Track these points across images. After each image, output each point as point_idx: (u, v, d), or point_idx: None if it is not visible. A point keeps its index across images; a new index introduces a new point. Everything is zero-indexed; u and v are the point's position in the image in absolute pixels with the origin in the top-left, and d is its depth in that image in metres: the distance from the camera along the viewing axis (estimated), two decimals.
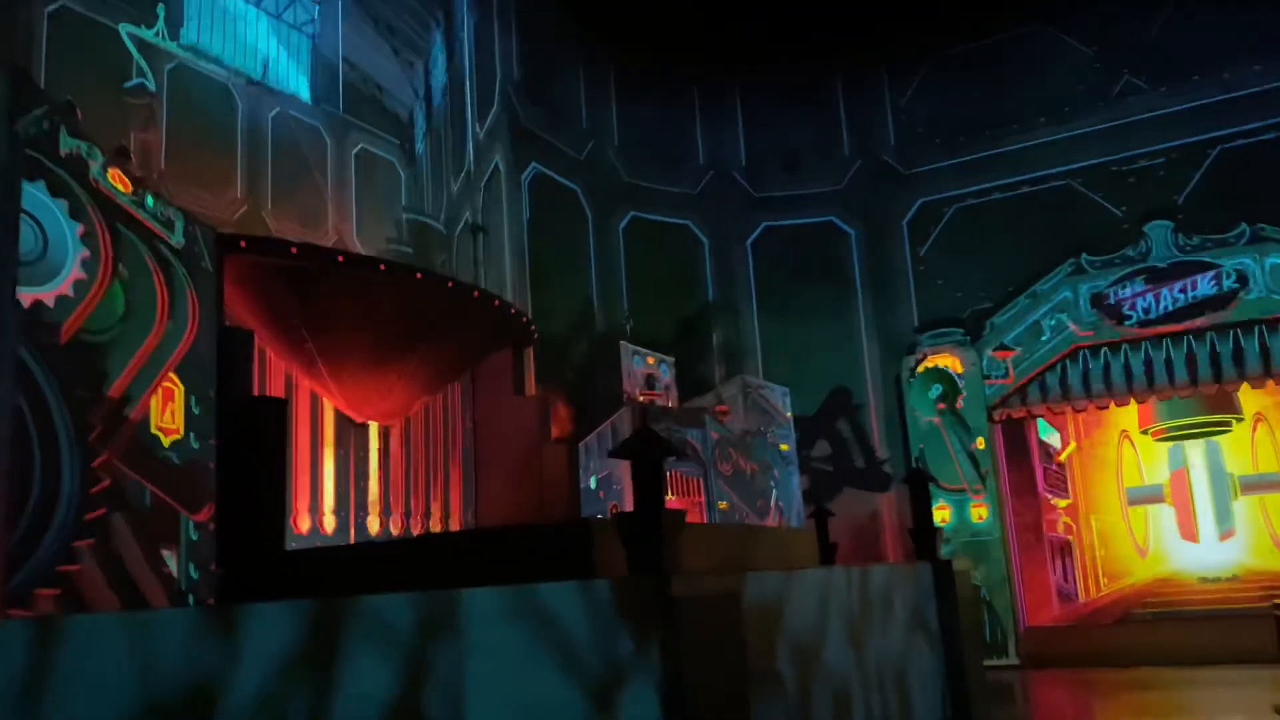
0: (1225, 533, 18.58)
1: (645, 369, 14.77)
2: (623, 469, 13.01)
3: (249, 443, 7.09)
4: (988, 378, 17.24)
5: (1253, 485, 18.57)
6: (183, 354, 7.21)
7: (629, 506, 13.15)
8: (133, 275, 6.64)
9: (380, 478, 10.43)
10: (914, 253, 18.81)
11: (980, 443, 17.20)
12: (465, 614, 4.22)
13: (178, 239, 7.11)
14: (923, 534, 9.70)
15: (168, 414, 6.84)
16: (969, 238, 18.24)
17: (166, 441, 6.82)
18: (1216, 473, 18.71)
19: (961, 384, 17.41)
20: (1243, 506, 18.41)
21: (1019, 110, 18.13)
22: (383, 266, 9.01)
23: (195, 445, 7.02)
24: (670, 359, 15.72)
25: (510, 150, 15.15)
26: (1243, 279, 15.63)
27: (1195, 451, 18.79)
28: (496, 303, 9.92)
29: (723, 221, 19.50)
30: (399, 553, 7.22)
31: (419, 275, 9.23)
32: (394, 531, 10.28)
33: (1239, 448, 18.41)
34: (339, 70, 12.48)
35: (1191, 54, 16.73)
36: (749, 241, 19.57)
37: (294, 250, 8.58)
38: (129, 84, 10.05)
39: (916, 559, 9.62)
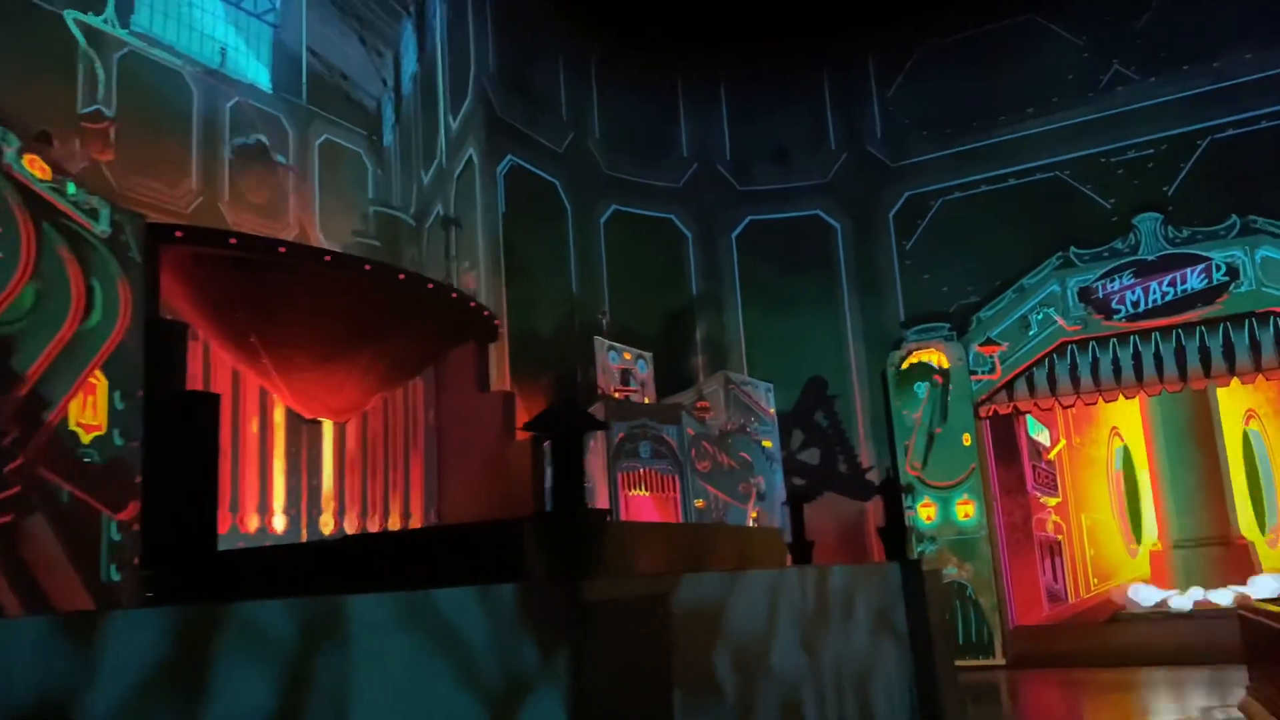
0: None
1: (621, 364, 14.49)
2: (592, 466, 12.74)
3: (178, 439, 6.82)
4: (974, 373, 16.94)
5: None
6: (113, 347, 6.95)
7: (599, 504, 12.88)
8: (43, 266, 6.37)
9: (335, 476, 10.16)
10: (900, 246, 18.51)
11: (966, 439, 16.90)
12: (352, 622, 3.95)
13: (103, 228, 6.83)
14: (892, 534, 9.47)
15: (88, 409, 6.58)
16: (956, 231, 17.93)
17: (86, 438, 6.56)
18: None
19: (949, 379, 17.10)
20: None
21: (1007, 101, 17.80)
22: (328, 258, 8.71)
23: (119, 442, 6.75)
24: (648, 354, 15.44)
25: (485, 142, 14.86)
26: (1233, 272, 15.31)
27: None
28: (454, 295, 9.61)
29: (707, 215, 19.20)
30: (330, 554, 6.97)
31: (367, 267, 8.93)
32: (349, 530, 10.02)
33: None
34: (302, 59, 12.18)
35: (1182, 43, 16.40)
36: (734, 235, 19.28)
37: (233, 241, 8.28)
38: (86, 109, 9.77)
39: (886, 559, 9.40)
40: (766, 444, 17.22)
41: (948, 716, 8.97)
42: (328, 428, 10.18)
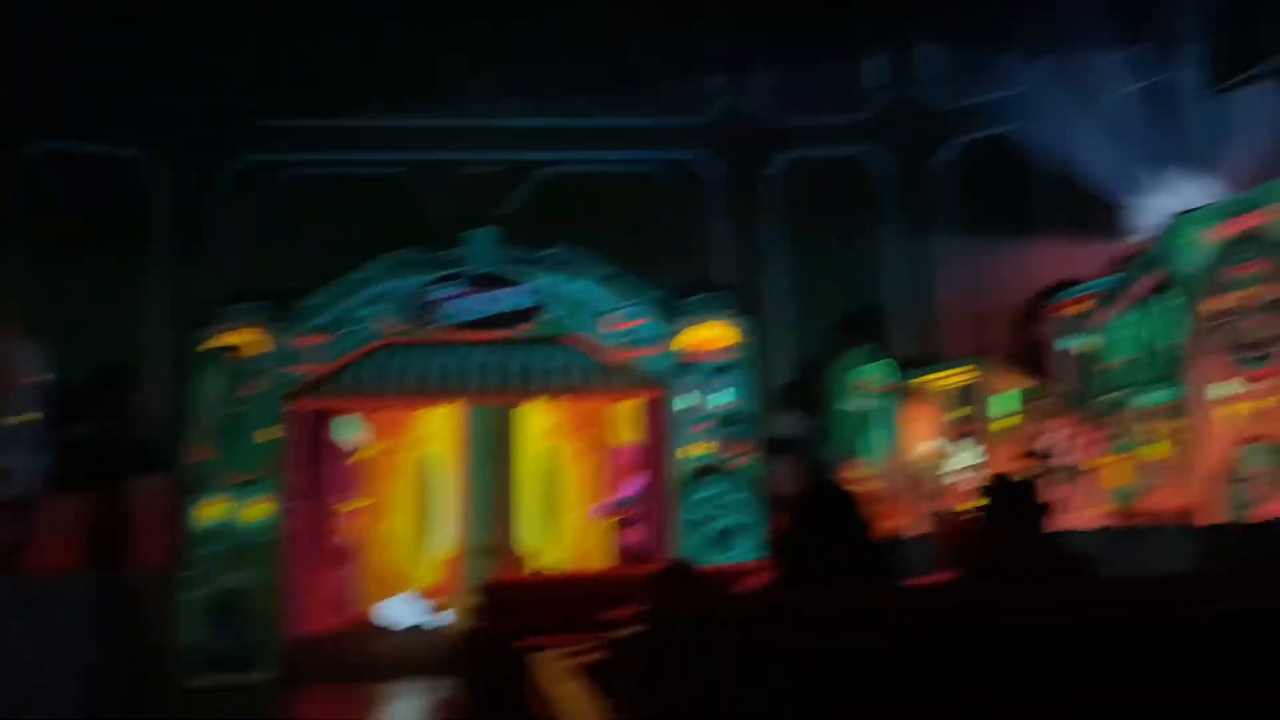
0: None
1: None
2: None
3: None
4: (289, 365, 15.59)
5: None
6: None
7: None
8: None
9: None
10: (236, 213, 16.53)
11: (275, 433, 15.49)
12: None
13: None
14: None
15: None
16: (299, 209, 16.39)
17: None
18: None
19: (262, 367, 15.55)
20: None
21: (376, 86, 16.89)
22: None
23: None
24: None
25: None
26: (545, 298, 16.08)
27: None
28: None
29: None
30: None
31: None
32: None
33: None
34: None
35: (537, 74, 16.88)
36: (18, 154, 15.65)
37: None
38: None
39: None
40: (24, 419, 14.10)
41: None
42: None
